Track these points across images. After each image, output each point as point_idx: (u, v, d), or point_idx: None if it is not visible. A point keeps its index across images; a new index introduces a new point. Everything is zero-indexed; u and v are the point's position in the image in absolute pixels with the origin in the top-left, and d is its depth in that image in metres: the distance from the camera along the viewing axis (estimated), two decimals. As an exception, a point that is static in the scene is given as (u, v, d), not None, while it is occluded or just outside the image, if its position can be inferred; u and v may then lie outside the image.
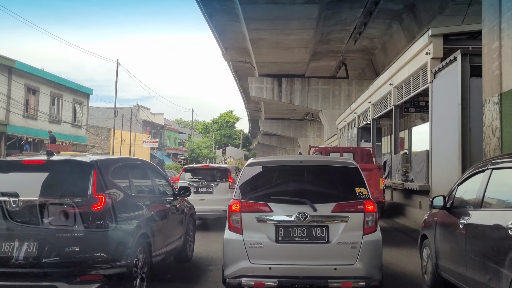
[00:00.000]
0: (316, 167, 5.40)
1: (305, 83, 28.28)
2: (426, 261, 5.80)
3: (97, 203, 4.60)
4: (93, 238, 4.52)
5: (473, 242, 4.27)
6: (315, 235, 4.68)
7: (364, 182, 5.06)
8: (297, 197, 4.84)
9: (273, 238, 4.72)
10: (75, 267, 4.40)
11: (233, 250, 4.85)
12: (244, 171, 5.31)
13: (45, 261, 4.37)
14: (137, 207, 5.35)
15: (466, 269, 4.36)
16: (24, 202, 4.51)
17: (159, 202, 6.11)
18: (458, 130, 9.33)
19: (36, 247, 4.38)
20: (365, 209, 4.79)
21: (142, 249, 5.12)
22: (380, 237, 4.88)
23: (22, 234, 4.44)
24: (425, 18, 17.29)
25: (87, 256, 4.43)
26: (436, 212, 5.55)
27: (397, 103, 14.94)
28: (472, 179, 4.83)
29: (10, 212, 4.48)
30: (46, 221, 4.49)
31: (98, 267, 4.46)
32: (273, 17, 18.34)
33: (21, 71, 24.90)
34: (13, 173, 5.13)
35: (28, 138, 25.53)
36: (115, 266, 4.55)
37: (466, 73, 9.30)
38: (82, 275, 4.41)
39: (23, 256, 4.37)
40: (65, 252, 4.40)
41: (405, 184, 12.84)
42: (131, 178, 5.58)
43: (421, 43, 11.64)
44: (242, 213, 4.90)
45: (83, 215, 4.51)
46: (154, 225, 5.56)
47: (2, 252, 4.36)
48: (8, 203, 4.48)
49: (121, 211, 4.88)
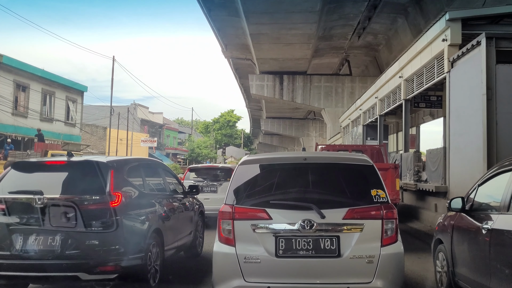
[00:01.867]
0: (323, 165, 4.52)
1: (307, 80, 27.78)
2: (440, 268, 5.39)
3: (114, 200, 4.97)
4: (111, 233, 4.88)
5: (498, 250, 3.86)
6: (324, 248, 3.97)
7: (381, 182, 4.24)
8: (301, 202, 4.13)
9: (272, 251, 3.99)
10: (94, 259, 4.79)
11: (224, 266, 4.15)
12: (237, 170, 4.46)
13: (67, 253, 4.78)
14: (150, 204, 5.71)
15: (490, 280, 3.96)
16: (48, 199, 4.88)
17: (170, 199, 6.50)
18: (483, 123, 8.30)
19: (59, 241, 4.79)
20: (383, 215, 4.06)
21: (155, 244, 5.49)
22: (402, 250, 4.10)
23: (46, 229, 4.85)
24: (432, 11, 16.53)
25: (105, 249, 4.83)
26: (453, 215, 5.13)
27: (407, 97, 13.92)
28: (496, 179, 4.42)
29: (35, 209, 4.86)
30: (67, 217, 4.88)
31: (116, 259, 4.85)
32: (273, 11, 17.84)
33: (9, 66, 23.93)
34: (37, 173, 5.57)
35: (17, 136, 24.55)
36: (131, 259, 4.95)
37: (492, 59, 8.28)
38: (101, 266, 4.81)
39: (47, 249, 4.79)
40: (85, 245, 4.82)
41: (418, 185, 11.82)
42: (144, 177, 6.00)
43: (436, 29, 10.60)
44: (235, 221, 4.12)
45: (102, 211, 4.92)
46: (166, 221, 5.94)
47: (29, 245, 4.80)
48: (34, 201, 4.86)
49: (136, 207, 5.32)
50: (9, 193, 5.12)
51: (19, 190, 5.16)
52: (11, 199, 5.07)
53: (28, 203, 4.91)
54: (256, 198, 4.28)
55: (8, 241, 4.82)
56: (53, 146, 23.32)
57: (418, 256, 7.52)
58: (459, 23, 9.94)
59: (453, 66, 10.07)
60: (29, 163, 6.28)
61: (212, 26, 20.69)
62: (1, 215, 4.93)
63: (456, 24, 9.94)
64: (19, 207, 5.01)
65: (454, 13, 10.04)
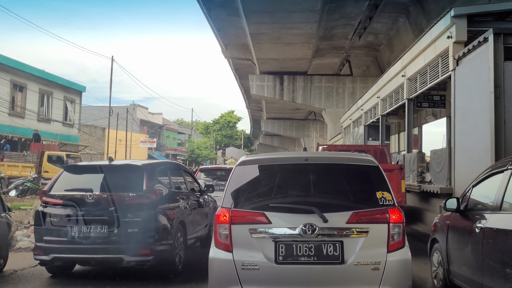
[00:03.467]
0: (325, 165, 4.28)
1: (307, 80, 27.58)
2: (436, 267, 5.57)
3: (149, 196, 6.00)
4: (147, 222, 5.88)
5: (491, 247, 4.03)
6: (326, 254, 3.77)
7: (387, 184, 4.02)
8: (303, 205, 3.92)
9: (271, 258, 3.78)
10: (135, 244, 5.77)
11: (221, 273, 3.94)
12: (235, 171, 4.21)
13: (113, 239, 5.81)
14: (176, 200, 6.73)
15: (483, 276, 4.12)
16: (96, 195, 5.97)
17: (191, 196, 7.53)
18: (490, 123, 8.01)
19: (106, 229, 5.82)
20: (389, 219, 3.86)
21: (180, 233, 6.50)
22: (410, 256, 3.89)
23: (95, 219, 5.88)
24: (434, 11, 16.26)
25: (143, 236, 5.83)
26: (449, 215, 5.27)
27: (410, 96, 13.63)
28: (489, 180, 4.57)
29: (87, 203, 5.95)
30: (112, 210, 5.83)
31: (151, 244, 5.86)
32: (274, 10, 17.69)
33: (6, 66, 23.59)
34: (85, 174, 6.79)
35: (14, 137, 24.24)
36: (163, 244, 5.97)
37: (500, 56, 7.99)
38: (141, 250, 5.81)
39: (97, 236, 5.81)
40: (127, 232, 5.80)
41: (422, 186, 11.53)
42: (170, 177, 7.08)
43: (441, 26, 10.30)
44: (232, 225, 3.90)
45: (139, 205, 5.93)
46: (188, 215, 6.96)
47: (83, 233, 5.85)
48: (86, 197, 5.97)
49: (165, 202, 6.30)
50: (65, 190, 6.23)
51: (73, 188, 6.25)
52: (67, 196, 6.13)
53: (81, 198, 5.99)
54: (254, 201, 4.04)
55: (65, 230, 5.91)
56: (50, 147, 23.06)
57: (425, 261, 7.11)
58: (465, 19, 9.64)
59: (458, 64, 9.78)
60: (79, 166, 7.51)
61: (212, 26, 20.54)
62: (59, 208, 6.06)
63: (461, 21, 9.64)
64: (74, 202, 6.03)
65: (460, 9, 9.74)
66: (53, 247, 5.90)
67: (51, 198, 6.17)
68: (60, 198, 6.11)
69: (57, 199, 6.12)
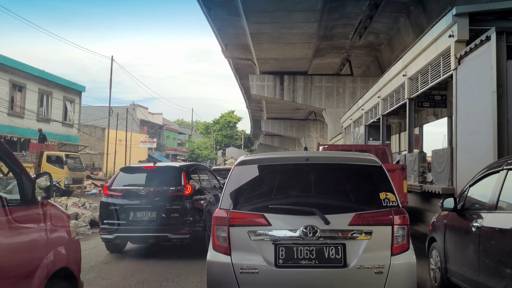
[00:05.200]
0: (327, 165, 4.14)
1: (308, 80, 27.51)
2: (434, 265, 5.68)
3: (187, 190, 7.89)
4: (185, 209, 7.78)
5: (486, 246, 4.09)
6: (328, 257, 3.64)
7: (390, 184, 3.90)
8: (303, 206, 3.80)
9: (271, 261, 3.67)
10: (177, 225, 7.67)
11: (219, 277, 3.80)
12: (234, 171, 4.08)
13: (160, 221, 7.69)
14: (204, 193, 8.57)
15: (479, 274, 4.18)
16: (147, 189, 7.97)
17: (214, 191, 9.24)
18: (493, 122, 7.90)
19: (155, 214, 7.74)
20: (393, 221, 3.72)
21: (208, 219, 7.91)
22: (414, 259, 3.73)
23: (147, 207, 7.78)
24: (435, 10, 16.18)
25: (183, 219, 7.73)
26: (446, 214, 5.35)
27: (411, 96, 13.51)
28: (486, 180, 4.63)
29: (140, 196, 7.91)
30: (159, 200, 7.80)
31: (189, 226, 7.71)
32: (274, 9, 17.59)
33: (5, 66, 23.45)
34: (137, 173, 8.82)
35: (13, 137, 24.10)
36: (196, 226, 7.83)
37: (502, 55, 7.88)
38: (181, 230, 7.66)
39: (148, 219, 7.70)
40: (171, 217, 7.74)
41: (423, 186, 11.41)
42: (199, 175, 8.98)
43: (443, 25, 10.20)
44: (230, 227, 3.78)
45: (179, 196, 7.82)
46: (213, 205, 8.39)
47: (138, 217, 7.74)
48: (139, 190, 7.98)
49: (197, 195, 8.17)
50: (123, 185, 8.16)
51: (130, 184, 8.24)
52: (125, 190, 8.05)
53: (135, 191, 7.98)
54: (253, 202, 3.93)
55: (124, 215, 7.74)
56: (49, 147, 22.81)
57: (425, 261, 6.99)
58: (467, 18, 9.54)
59: (460, 63, 9.67)
60: (132, 167, 9.72)
61: (212, 25, 20.44)
62: (120, 199, 7.92)
63: (463, 20, 9.54)
64: (130, 194, 7.97)
65: (461, 8, 9.63)
66: (115, 228, 7.73)
67: (113, 191, 8.06)
68: (120, 191, 8.01)
69: (117, 192, 8.01)
